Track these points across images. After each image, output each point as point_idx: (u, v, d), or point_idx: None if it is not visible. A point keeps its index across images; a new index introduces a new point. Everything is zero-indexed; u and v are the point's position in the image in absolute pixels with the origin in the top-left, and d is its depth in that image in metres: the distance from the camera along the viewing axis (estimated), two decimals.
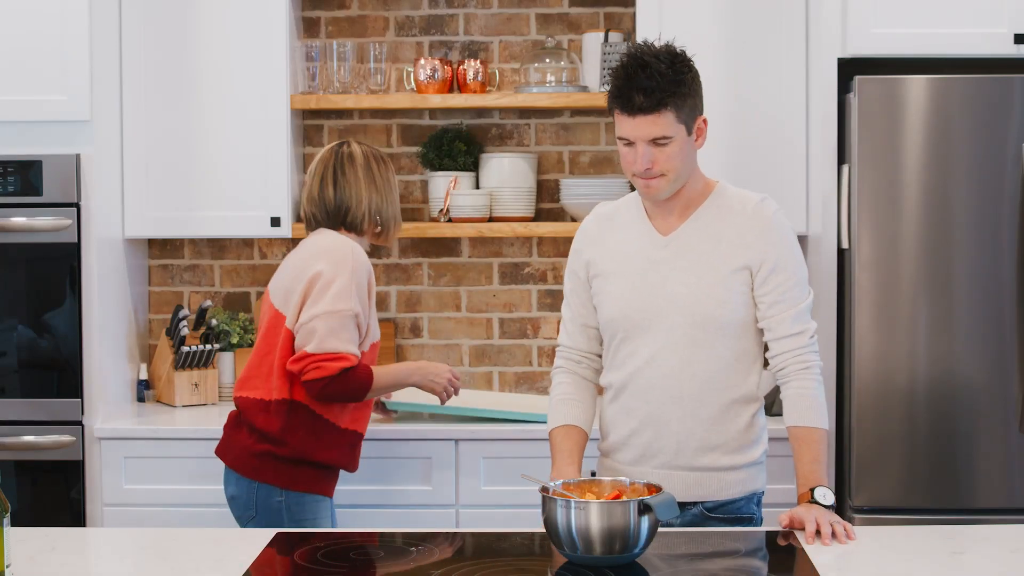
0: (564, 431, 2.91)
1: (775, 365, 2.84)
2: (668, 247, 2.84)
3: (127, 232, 4.15)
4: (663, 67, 2.71)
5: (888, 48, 3.76)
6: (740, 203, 2.85)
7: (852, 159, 3.70)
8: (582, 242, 2.97)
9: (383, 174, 3.49)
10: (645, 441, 2.85)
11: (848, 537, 2.60)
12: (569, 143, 4.41)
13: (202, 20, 4.12)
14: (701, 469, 2.83)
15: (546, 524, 2.47)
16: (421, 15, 4.41)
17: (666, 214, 2.86)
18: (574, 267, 2.97)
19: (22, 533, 2.67)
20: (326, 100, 4.19)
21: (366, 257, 3.37)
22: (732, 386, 2.82)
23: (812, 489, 2.70)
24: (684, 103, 2.74)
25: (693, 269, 2.81)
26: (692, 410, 2.81)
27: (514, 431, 3.83)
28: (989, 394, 3.68)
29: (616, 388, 2.89)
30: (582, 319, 2.96)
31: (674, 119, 2.73)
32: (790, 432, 2.80)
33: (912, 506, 3.68)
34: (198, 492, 3.88)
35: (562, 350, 3.00)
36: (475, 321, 4.40)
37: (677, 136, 2.74)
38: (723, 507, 2.84)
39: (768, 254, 2.80)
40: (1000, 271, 3.67)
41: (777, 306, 2.80)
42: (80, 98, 3.88)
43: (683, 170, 2.78)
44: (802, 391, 2.80)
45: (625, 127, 2.75)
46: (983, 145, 3.66)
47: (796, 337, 2.81)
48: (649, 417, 2.84)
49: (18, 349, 3.92)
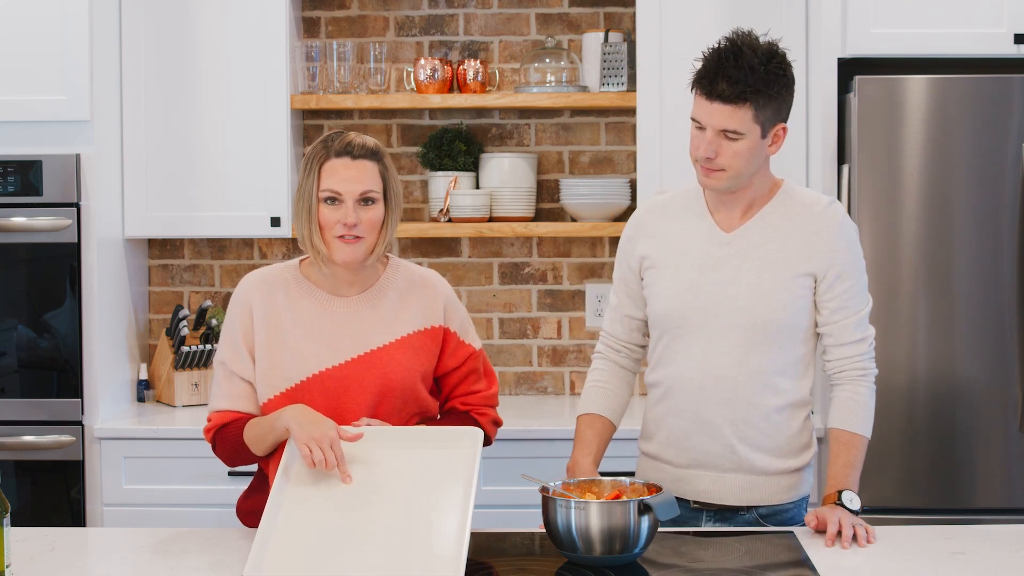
0: (588, 419, 2.87)
1: (832, 368, 2.79)
2: (731, 244, 2.77)
3: (127, 232, 4.15)
4: (756, 62, 2.63)
5: (888, 48, 3.76)
6: (808, 205, 2.78)
7: (852, 159, 3.70)
8: (636, 232, 2.88)
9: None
10: (696, 444, 2.78)
11: (868, 540, 2.59)
12: (569, 143, 4.41)
13: (202, 20, 4.12)
14: (756, 473, 2.77)
15: (546, 524, 2.47)
16: (421, 15, 4.41)
17: (729, 210, 2.79)
18: (624, 257, 2.89)
19: (22, 533, 2.67)
20: (326, 100, 4.19)
21: (251, 284, 2.79)
22: (787, 390, 2.77)
23: (840, 492, 2.68)
24: (768, 104, 2.65)
25: (756, 270, 2.74)
26: (746, 413, 2.75)
27: (514, 431, 3.83)
28: (989, 394, 3.68)
29: (665, 387, 2.81)
30: (626, 310, 2.90)
31: (752, 117, 2.65)
32: (832, 433, 2.77)
33: (912, 506, 3.68)
34: (198, 492, 3.88)
35: (604, 336, 2.95)
36: (475, 321, 4.40)
37: (749, 135, 2.66)
38: (778, 515, 2.81)
39: (835, 261, 2.74)
40: (1000, 271, 3.67)
41: (840, 312, 2.75)
42: (80, 98, 3.88)
43: (745, 170, 2.70)
44: (856, 396, 2.76)
45: (701, 110, 2.68)
46: (983, 145, 3.66)
47: (858, 344, 2.76)
48: (700, 419, 2.77)
49: (18, 349, 3.92)
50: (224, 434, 2.72)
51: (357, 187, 2.68)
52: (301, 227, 2.72)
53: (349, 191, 2.68)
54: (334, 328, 2.73)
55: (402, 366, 2.73)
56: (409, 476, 2.52)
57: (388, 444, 2.58)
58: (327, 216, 2.68)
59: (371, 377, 2.70)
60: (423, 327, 2.77)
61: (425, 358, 2.77)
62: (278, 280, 2.79)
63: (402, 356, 2.73)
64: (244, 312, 2.75)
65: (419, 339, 2.77)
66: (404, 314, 2.77)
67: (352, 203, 2.67)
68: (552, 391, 4.42)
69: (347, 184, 2.68)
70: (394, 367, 2.72)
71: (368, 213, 2.69)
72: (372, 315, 2.75)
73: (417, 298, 2.79)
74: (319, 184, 2.69)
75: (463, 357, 2.82)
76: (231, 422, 2.72)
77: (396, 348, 2.74)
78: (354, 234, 2.68)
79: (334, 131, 2.77)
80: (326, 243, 2.70)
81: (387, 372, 2.71)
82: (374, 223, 2.70)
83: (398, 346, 2.74)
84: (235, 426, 2.71)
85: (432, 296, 2.81)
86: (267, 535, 2.41)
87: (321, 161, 2.71)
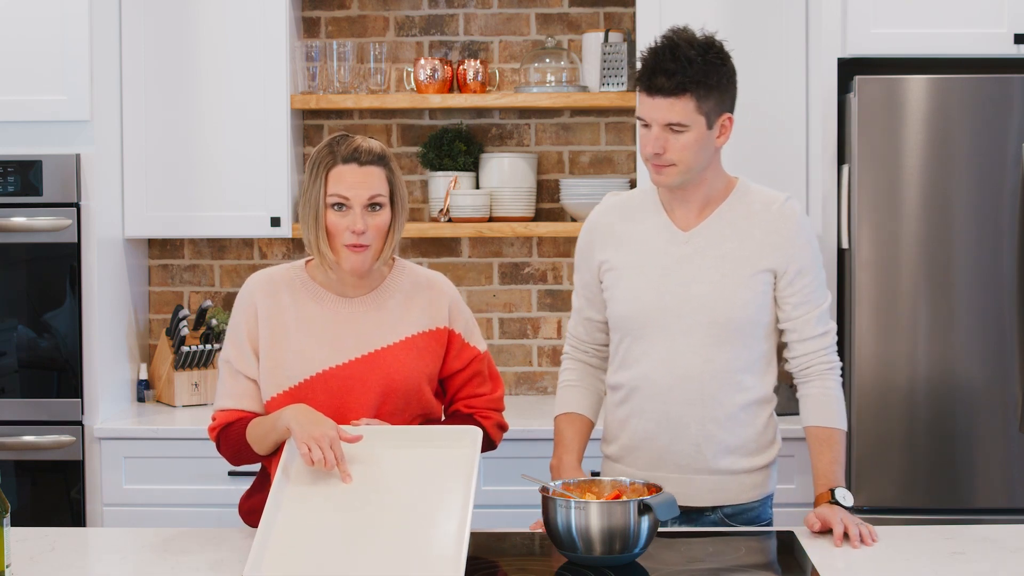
0: (567, 418, 2.89)
1: (797, 365, 2.80)
2: (689, 243, 2.78)
3: (127, 232, 4.15)
4: (693, 54, 2.66)
5: (888, 48, 3.77)
6: (765, 202, 2.80)
7: (852, 159, 3.70)
8: (592, 235, 2.88)
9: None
10: (662, 444, 2.79)
11: (872, 539, 2.60)
12: (569, 143, 4.41)
13: (202, 20, 4.12)
14: (721, 472, 2.78)
15: (546, 524, 2.47)
16: (421, 15, 4.41)
17: (686, 209, 2.80)
18: (583, 261, 2.90)
19: (22, 533, 2.67)
20: (326, 100, 4.19)
21: (256, 283, 2.79)
22: (751, 387, 2.78)
23: (832, 490, 2.68)
24: (709, 95, 2.67)
25: (717, 268, 2.75)
26: (711, 412, 2.76)
27: (514, 431, 3.82)
28: (989, 394, 3.68)
29: (627, 389, 2.82)
30: (586, 313, 2.92)
31: (694, 108, 2.67)
32: (810, 432, 2.77)
33: (912, 506, 3.68)
34: (198, 492, 3.88)
35: (570, 338, 2.97)
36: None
37: (694, 126, 2.68)
38: (743, 514, 2.81)
39: (795, 257, 2.76)
40: (1000, 271, 3.67)
41: (802, 307, 2.76)
42: (80, 98, 3.88)
43: (695, 163, 2.71)
44: (826, 391, 2.77)
45: (644, 107, 2.70)
46: (983, 145, 3.66)
47: (821, 338, 2.78)
48: (666, 419, 2.77)
49: (18, 349, 3.92)
50: (228, 433, 2.72)
51: (365, 193, 2.68)
52: (308, 233, 2.71)
53: (357, 197, 2.67)
54: (338, 328, 2.73)
55: (406, 367, 2.73)
56: (409, 475, 2.52)
57: (388, 443, 2.58)
58: (335, 222, 2.68)
59: (375, 377, 2.70)
60: (428, 328, 2.77)
61: (430, 359, 2.77)
62: (283, 280, 2.79)
63: (406, 357, 2.73)
64: (249, 312, 2.75)
65: (424, 340, 2.76)
66: (409, 315, 2.77)
67: (360, 209, 2.67)
68: (552, 391, 4.41)
69: (355, 190, 2.67)
70: (398, 367, 2.72)
71: (376, 219, 2.69)
72: (377, 316, 2.75)
73: (422, 299, 2.79)
74: (326, 190, 2.68)
75: (468, 359, 2.82)
76: (235, 421, 2.72)
77: (400, 349, 2.74)
78: (362, 242, 2.67)
79: (339, 134, 2.76)
80: (334, 250, 2.70)
81: (391, 372, 2.71)
82: (381, 229, 2.70)
83: (402, 347, 2.74)
84: (239, 425, 2.71)
85: (437, 297, 2.81)
86: (267, 535, 2.41)
87: (328, 167, 2.70)
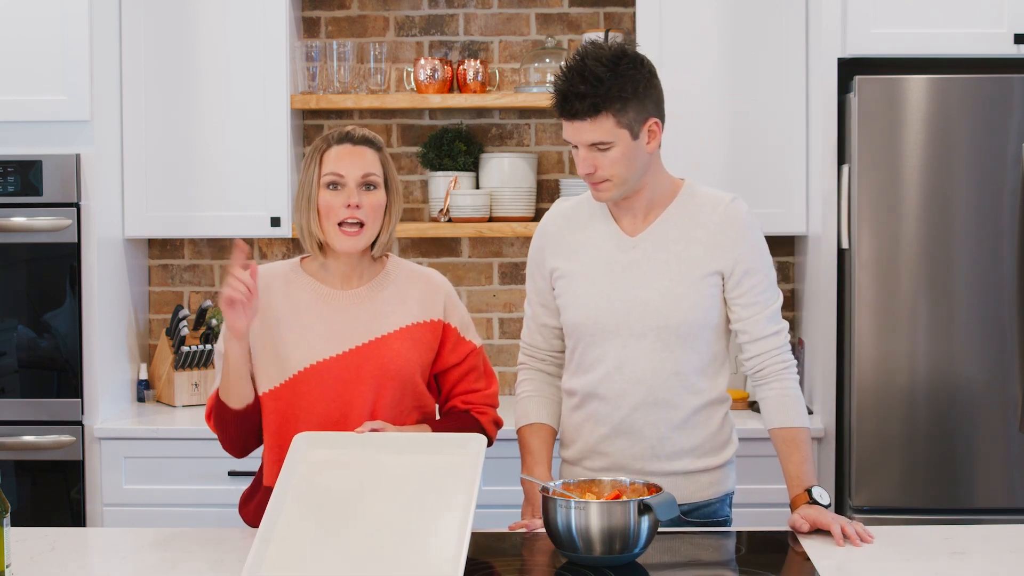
0: (531, 430, 2.89)
1: (753, 366, 2.80)
2: (637, 248, 2.78)
3: (127, 232, 4.15)
4: (603, 71, 2.62)
5: (888, 48, 3.77)
6: (711, 204, 2.79)
7: (852, 159, 3.70)
8: (543, 241, 2.88)
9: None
10: (618, 448, 2.79)
11: (869, 536, 2.60)
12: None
13: (202, 20, 4.12)
14: (676, 474, 2.78)
15: (546, 524, 2.47)
16: (421, 15, 4.41)
17: (631, 214, 2.80)
18: (535, 268, 2.89)
19: (22, 533, 2.67)
20: (326, 100, 4.20)
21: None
22: (704, 389, 2.78)
23: (808, 490, 2.68)
24: (626, 107, 2.65)
25: (665, 272, 2.75)
26: (665, 415, 2.76)
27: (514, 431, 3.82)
28: (989, 394, 3.68)
29: (582, 394, 2.82)
30: (541, 319, 2.90)
31: (613, 124, 2.65)
32: (775, 434, 2.76)
33: (912, 506, 3.68)
34: (198, 492, 3.88)
35: (525, 347, 2.96)
36: (475, 321, 4.40)
37: (618, 141, 2.66)
38: (699, 510, 2.81)
39: (742, 257, 2.75)
40: (1000, 271, 3.67)
41: (752, 307, 2.76)
42: (80, 98, 3.88)
43: (629, 175, 2.70)
44: (784, 391, 2.77)
45: (567, 131, 2.71)
46: (983, 145, 3.66)
47: (774, 337, 2.78)
48: (621, 423, 2.78)
49: (18, 349, 3.92)
50: (217, 412, 2.74)
51: (358, 170, 2.69)
52: (300, 218, 2.72)
53: (351, 174, 2.69)
54: (332, 320, 2.74)
55: (401, 355, 2.73)
56: (411, 480, 2.52)
57: (392, 449, 2.58)
58: (328, 201, 2.69)
59: (369, 367, 2.71)
60: (422, 319, 2.78)
61: (424, 350, 2.77)
62: (277, 274, 2.80)
63: (400, 346, 2.74)
64: None
65: (418, 331, 2.77)
66: (403, 306, 2.78)
67: (354, 186, 2.69)
68: None
69: (349, 168, 2.69)
70: (392, 356, 2.72)
71: (370, 198, 2.70)
72: (371, 307, 2.76)
73: (417, 291, 2.80)
74: (320, 170, 2.70)
75: (464, 354, 2.82)
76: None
77: (395, 338, 2.74)
78: (357, 218, 2.68)
79: (333, 129, 2.78)
80: (325, 232, 2.70)
81: (385, 362, 2.71)
82: (376, 208, 2.70)
83: (397, 336, 2.74)
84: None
85: (432, 290, 2.81)
86: (267, 535, 2.41)
87: (322, 151, 2.73)
